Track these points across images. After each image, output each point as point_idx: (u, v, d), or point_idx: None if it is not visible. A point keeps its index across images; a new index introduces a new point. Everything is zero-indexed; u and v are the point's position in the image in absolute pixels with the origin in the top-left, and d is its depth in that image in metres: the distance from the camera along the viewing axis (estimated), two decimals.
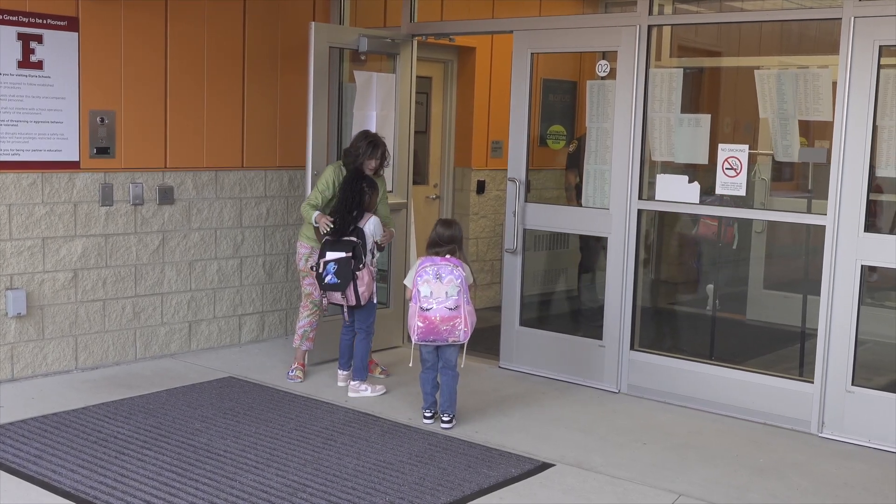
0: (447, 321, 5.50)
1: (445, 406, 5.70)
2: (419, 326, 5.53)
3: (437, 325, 5.50)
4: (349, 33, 7.23)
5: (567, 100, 8.92)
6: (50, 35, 6.22)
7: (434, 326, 5.51)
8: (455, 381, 5.68)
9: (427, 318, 5.51)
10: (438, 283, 5.51)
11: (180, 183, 6.99)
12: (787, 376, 6.11)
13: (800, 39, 7.79)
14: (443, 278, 5.51)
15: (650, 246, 7.30)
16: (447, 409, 5.69)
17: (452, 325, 5.50)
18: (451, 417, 5.68)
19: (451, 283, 5.50)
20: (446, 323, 5.49)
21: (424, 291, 5.52)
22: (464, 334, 5.53)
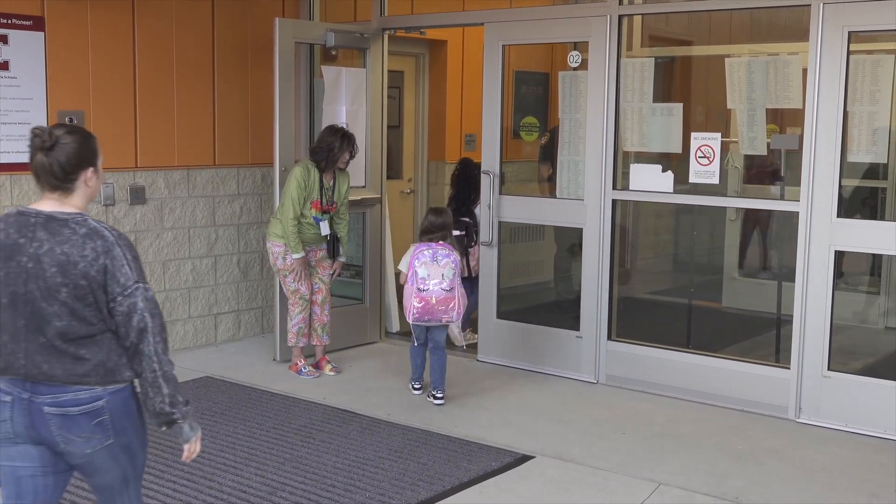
0: (443, 302, 5.86)
1: (438, 383, 5.99)
2: (416, 307, 5.89)
3: (434, 305, 5.86)
4: (316, 28, 7.18)
5: (539, 91, 8.91)
6: (15, 35, 6.14)
7: (430, 307, 5.86)
8: (445, 360, 6.03)
9: (423, 299, 5.86)
10: (435, 265, 5.87)
11: (152, 182, 6.93)
12: (764, 363, 6.15)
13: (769, 27, 7.82)
14: (439, 261, 5.88)
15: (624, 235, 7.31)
16: (439, 386, 5.99)
17: (447, 305, 5.87)
18: (443, 395, 5.99)
19: (448, 265, 5.89)
20: (442, 304, 5.86)
21: (422, 273, 5.87)
22: (457, 314, 5.90)
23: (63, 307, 2.82)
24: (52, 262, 2.81)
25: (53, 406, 2.86)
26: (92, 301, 2.83)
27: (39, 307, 2.82)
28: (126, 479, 3.05)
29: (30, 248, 2.83)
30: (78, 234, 2.84)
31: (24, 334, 2.84)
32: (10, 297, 2.85)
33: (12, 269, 2.84)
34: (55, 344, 2.83)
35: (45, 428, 2.87)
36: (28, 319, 2.84)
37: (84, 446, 2.90)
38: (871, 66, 5.67)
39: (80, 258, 2.81)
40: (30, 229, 2.86)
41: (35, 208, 2.91)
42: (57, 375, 2.84)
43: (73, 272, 2.81)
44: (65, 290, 2.81)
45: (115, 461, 2.98)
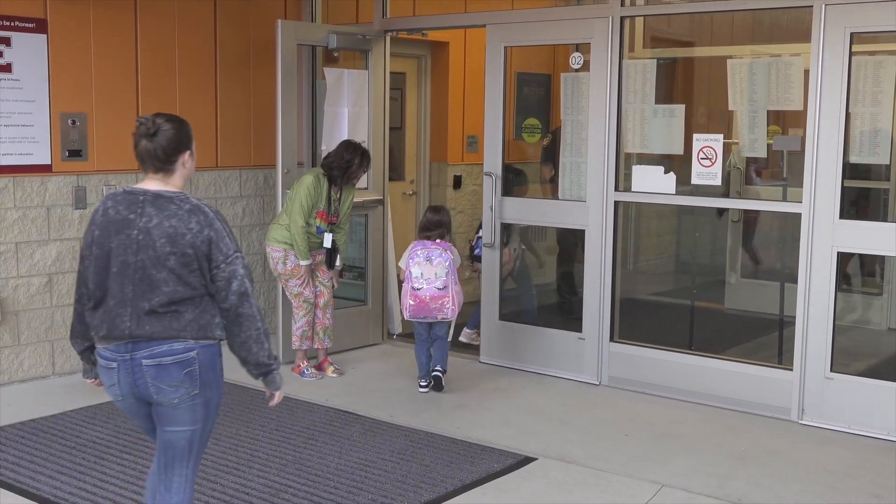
0: (436, 300, 6.05)
1: (438, 360, 6.26)
2: (410, 304, 6.11)
3: (427, 303, 6.06)
4: (318, 30, 7.19)
5: (542, 93, 8.92)
6: (18, 37, 6.15)
7: (424, 304, 6.06)
8: (447, 345, 6.28)
9: (417, 297, 6.07)
10: (428, 265, 6.06)
11: None
12: (767, 364, 6.14)
13: (771, 28, 7.82)
14: (433, 261, 6.07)
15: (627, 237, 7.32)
16: (440, 362, 6.25)
17: (441, 303, 6.06)
18: (442, 369, 6.25)
19: (441, 265, 6.06)
20: (435, 302, 6.05)
21: (416, 273, 6.08)
22: (451, 312, 6.08)
23: (171, 273, 3.21)
24: (161, 234, 3.21)
25: (150, 358, 3.23)
26: (196, 268, 3.23)
27: (149, 274, 3.20)
28: (192, 442, 3.39)
29: (139, 223, 3.23)
30: (183, 209, 3.24)
31: (131, 299, 3.21)
32: (120, 266, 3.23)
33: (122, 241, 3.24)
34: (157, 309, 3.21)
35: (142, 381, 3.25)
36: (136, 286, 3.21)
37: (172, 395, 3.27)
38: (874, 67, 5.67)
39: (187, 230, 3.21)
40: (139, 206, 3.26)
41: (141, 188, 3.32)
42: (156, 333, 3.22)
43: (180, 242, 3.21)
44: (173, 259, 3.21)
45: (192, 414, 3.33)
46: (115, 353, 3.26)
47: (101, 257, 3.27)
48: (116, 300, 3.23)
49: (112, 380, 3.31)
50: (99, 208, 3.34)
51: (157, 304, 3.20)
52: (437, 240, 6.17)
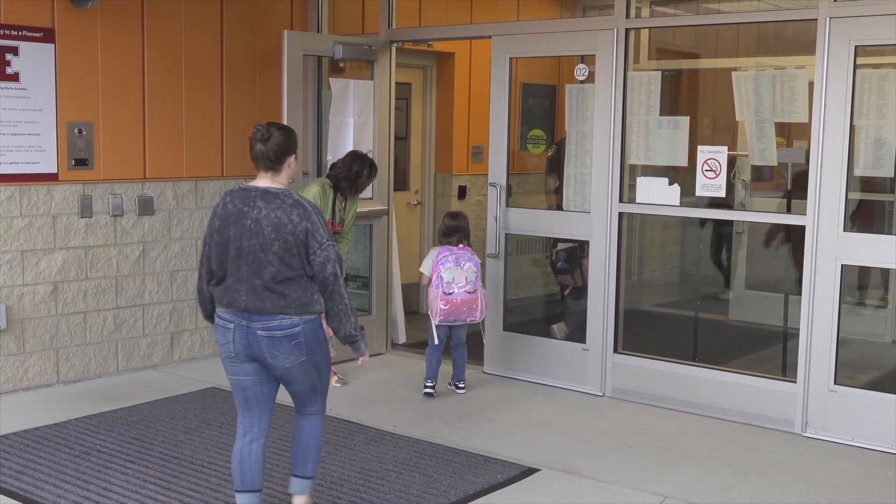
0: (468, 304, 6.24)
1: (460, 375, 6.49)
2: (442, 309, 6.23)
3: (459, 306, 6.23)
4: (324, 41, 7.22)
5: (546, 104, 8.93)
6: (26, 47, 6.18)
7: (456, 308, 6.22)
8: (465, 354, 6.47)
9: (450, 301, 6.21)
10: (459, 269, 6.23)
11: (160, 193, 6.95)
12: (770, 376, 6.13)
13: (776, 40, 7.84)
14: (462, 265, 6.24)
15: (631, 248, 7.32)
16: (461, 377, 6.50)
17: (472, 307, 6.25)
18: (464, 385, 6.49)
19: (470, 269, 6.25)
20: (466, 305, 6.23)
21: (447, 277, 6.21)
22: (480, 314, 6.30)
23: (275, 257, 3.85)
24: (268, 224, 3.86)
25: (263, 330, 3.88)
26: (296, 253, 3.86)
27: (258, 256, 3.86)
28: (315, 388, 4.11)
29: (252, 214, 3.89)
30: (286, 203, 3.89)
31: (246, 277, 3.87)
32: (237, 250, 3.90)
33: (238, 229, 3.90)
34: (267, 285, 3.85)
35: (257, 346, 3.90)
36: (249, 266, 3.87)
37: (284, 361, 3.93)
38: (878, 80, 5.68)
39: (289, 221, 3.86)
40: (251, 200, 3.92)
41: (254, 185, 3.98)
42: (267, 308, 3.86)
43: (283, 231, 3.85)
44: (277, 244, 3.85)
45: (305, 374, 4.01)
46: (233, 317, 3.93)
47: (221, 243, 3.94)
48: (234, 278, 3.90)
49: (227, 338, 3.95)
50: (219, 203, 4.01)
51: (265, 281, 3.85)
52: (459, 245, 6.33)
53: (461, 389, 6.49)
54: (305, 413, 4.19)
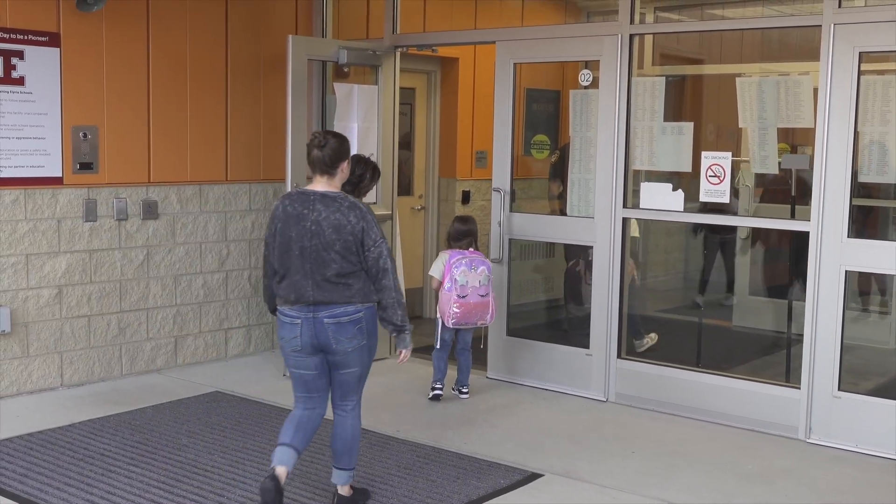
0: (480, 307, 6.27)
1: (465, 381, 6.52)
2: (455, 312, 6.26)
3: (472, 309, 6.25)
4: (329, 46, 7.23)
5: (550, 109, 8.94)
6: (31, 51, 6.20)
7: (469, 311, 6.25)
8: (471, 359, 6.52)
9: (463, 305, 6.25)
10: (473, 272, 6.27)
11: (164, 197, 6.97)
12: (774, 382, 6.13)
13: (780, 46, 7.84)
14: (476, 268, 6.28)
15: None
16: (465, 382, 6.52)
17: (484, 310, 6.29)
18: (468, 389, 6.52)
19: (483, 272, 6.30)
20: (479, 308, 6.27)
21: (461, 280, 6.23)
22: (490, 317, 6.34)
23: (337, 254, 4.27)
24: (328, 225, 4.28)
25: (330, 318, 4.31)
26: (354, 250, 4.29)
27: (321, 255, 4.27)
28: (361, 377, 4.52)
29: (312, 216, 4.30)
30: (343, 206, 4.31)
31: (311, 274, 4.28)
32: (300, 250, 4.29)
33: (299, 230, 4.30)
34: (331, 280, 4.28)
35: (323, 334, 4.31)
36: (312, 264, 4.28)
37: (347, 345, 4.35)
38: (882, 86, 5.68)
39: (347, 222, 4.28)
40: (310, 203, 4.33)
41: (311, 189, 4.39)
42: (334, 299, 4.30)
43: (343, 231, 4.28)
44: (339, 244, 4.27)
45: (360, 359, 4.43)
46: (299, 312, 4.32)
47: (283, 244, 4.33)
48: (300, 275, 4.29)
49: (294, 333, 4.35)
50: (278, 206, 4.40)
51: (329, 276, 4.27)
52: (469, 249, 6.39)
53: (465, 394, 6.50)
54: (346, 410, 4.56)
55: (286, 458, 4.38)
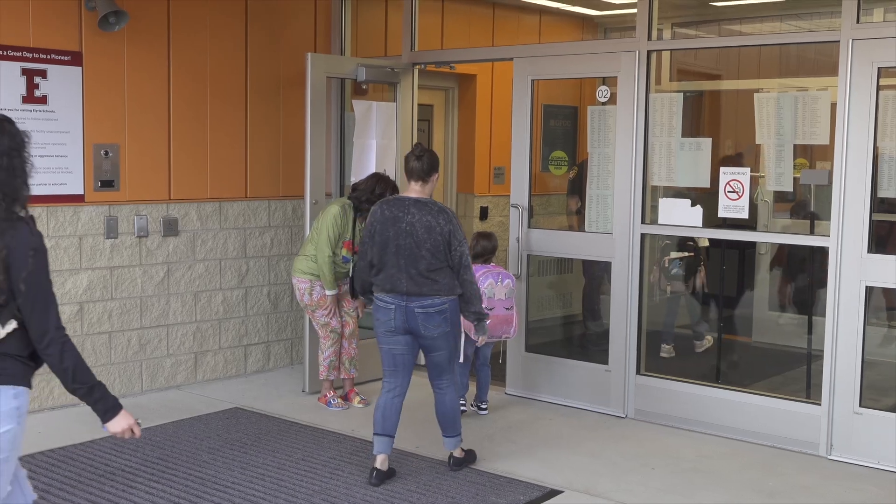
0: (505, 320, 6.32)
1: (484, 396, 6.54)
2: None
3: (498, 323, 6.28)
4: (347, 63, 7.27)
5: (568, 125, 8.96)
6: (54, 70, 6.26)
7: (495, 324, 6.25)
8: (490, 374, 6.56)
9: (491, 317, 6.17)
10: (499, 285, 6.35)
11: (184, 214, 7.01)
12: (795, 398, 6.10)
13: (799, 62, 7.84)
14: (502, 282, 6.36)
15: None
16: (485, 398, 6.54)
17: (508, 323, 6.33)
18: (487, 405, 6.54)
19: (508, 286, 6.36)
20: (504, 322, 6.32)
21: (489, 293, 6.26)
22: (514, 331, 6.40)
23: (428, 252, 4.96)
24: (421, 227, 4.97)
25: (420, 308, 5.00)
26: (442, 249, 4.98)
27: (414, 252, 4.96)
28: (449, 359, 5.19)
29: (406, 218, 5.00)
30: (434, 210, 5.02)
31: (405, 269, 4.98)
32: (396, 248, 4.99)
33: (396, 231, 5.00)
34: (422, 274, 4.97)
35: (413, 321, 5.02)
36: (406, 259, 4.97)
37: (434, 332, 5.03)
38: None
39: (437, 224, 4.98)
40: (405, 207, 5.04)
41: (406, 195, 5.13)
42: (424, 291, 4.98)
43: (434, 232, 4.98)
44: (429, 243, 4.96)
45: (446, 342, 5.11)
46: (394, 299, 5.02)
47: (381, 242, 5.02)
48: (395, 269, 4.99)
49: (388, 316, 5.05)
50: (376, 210, 5.11)
51: (421, 270, 4.95)
52: (492, 264, 6.45)
53: (483, 410, 6.49)
54: (442, 387, 5.25)
55: (383, 446, 5.14)
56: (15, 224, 3.07)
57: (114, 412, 3.28)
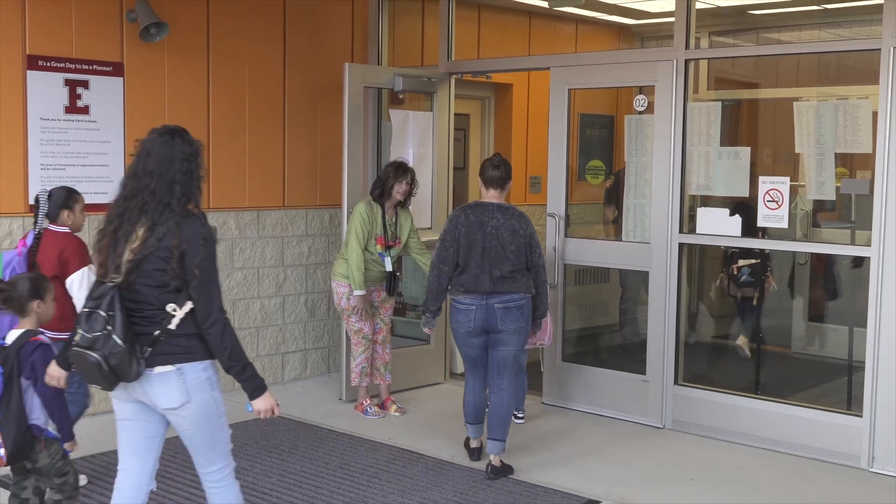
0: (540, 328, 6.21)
1: (520, 405, 6.47)
2: None
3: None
4: (384, 73, 7.30)
5: (604, 134, 8.94)
6: (96, 80, 6.35)
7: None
8: (526, 383, 6.50)
9: None
10: None
11: (223, 223, 7.07)
12: (835, 410, 6.04)
13: (838, 69, 7.76)
14: None
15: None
16: (521, 407, 6.49)
17: (543, 330, 6.27)
18: (523, 415, 6.52)
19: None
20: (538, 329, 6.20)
21: None
22: (548, 339, 6.43)
23: (512, 254, 5.34)
24: (505, 230, 5.35)
25: (500, 304, 5.34)
26: (523, 252, 5.37)
27: (499, 253, 5.33)
28: (515, 357, 5.51)
29: (491, 222, 5.37)
30: (515, 215, 5.43)
31: (488, 269, 5.33)
32: (482, 250, 5.34)
33: (481, 234, 5.35)
34: (505, 274, 5.33)
35: (493, 317, 5.35)
36: (490, 261, 5.33)
37: (511, 325, 5.37)
38: None
39: (520, 227, 5.39)
40: (489, 212, 5.41)
41: (487, 201, 5.48)
42: (505, 289, 5.34)
43: (517, 235, 5.36)
44: (513, 245, 5.35)
45: (518, 339, 5.44)
46: (474, 300, 5.36)
47: (466, 245, 5.35)
48: (479, 269, 5.33)
49: (468, 317, 5.38)
50: (461, 214, 5.45)
51: (504, 271, 5.32)
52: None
53: (520, 419, 6.47)
54: (502, 387, 5.47)
55: (476, 432, 5.70)
56: (189, 219, 3.49)
57: (260, 392, 3.66)
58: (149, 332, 3.47)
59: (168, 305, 3.48)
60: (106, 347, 3.38)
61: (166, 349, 3.49)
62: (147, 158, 3.53)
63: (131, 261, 3.45)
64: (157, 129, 3.58)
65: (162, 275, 3.45)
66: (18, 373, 4.05)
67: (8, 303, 4.15)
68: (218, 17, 6.95)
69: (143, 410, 3.62)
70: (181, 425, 3.63)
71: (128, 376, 3.44)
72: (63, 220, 5.11)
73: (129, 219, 3.51)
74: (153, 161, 3.51)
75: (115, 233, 3.53)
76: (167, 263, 3.44)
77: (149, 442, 3.70)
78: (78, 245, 5.05)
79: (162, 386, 3.51)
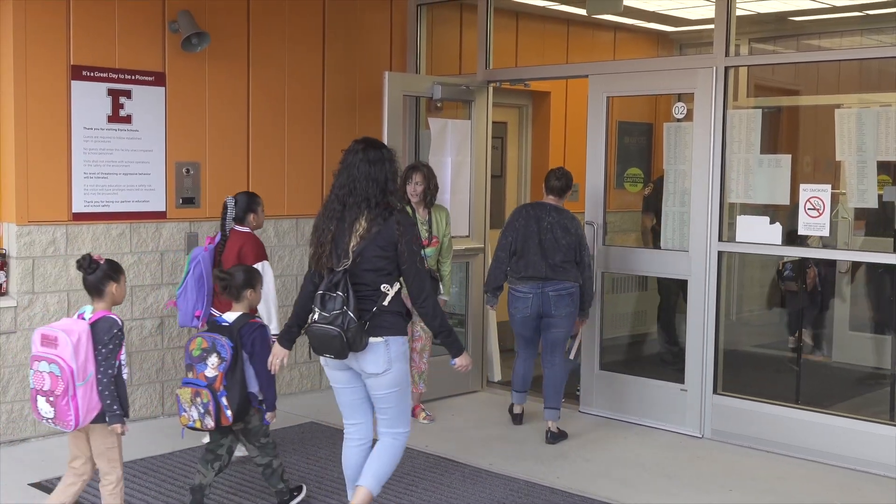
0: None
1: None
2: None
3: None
4: (423, 81, 7.33)
5: (643, 142, 8.90)
6: (138, 90, 6.44)
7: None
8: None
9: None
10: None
11: (262, 231, 7.11)
12: (876, 420, 5.96)
13: (880, 76, 7.67)
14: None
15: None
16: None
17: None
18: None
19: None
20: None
21: None
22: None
23: (563, 248, 6.13)
24: (559, 228, 6.15)
25: (554, 291, 6.13)
26: (573, 247, 6.14)
27: (553, 246, 6.12)
28: (564, 338, 6.29)
29: (548, 219, 6.18)
30: (568, 216, 6.20)
31: (543, 260, 6.12)
32: (539, 240, 6.14)
33: (540, 227, 6.15)
34: (557, 264, 6.11)
35: (546, 303, 6.14)
36: (545, 251, 6.12)
37: (563, 311, 6.15)
38: None
39: (572, 227, 6.16)
40: (546, 210, 6.22)
41: (543, 202, 6.30)
42: (559, 277, 6.12)
43: (569, 233, 6.14)
44: (564, 241, 6.12)
45: (568, 322, 6.23)
46: (531, 288, 6.15)
47: (524, 234, 6.16)
48: (536, 257, 6.12)
49: (526, 304, 6.19)
50: (521, 209, 6.33)
51: (557, 261, 6.09)
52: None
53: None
54: (554, 363, 6.25)
55: (520, 399, 6.56)
56: (395, 212, 4.24)
57: (460, 352, 4.39)
58: (367, 308, 4.16)
59: (382, 286, 4.19)
60: (345, 323, 4.07)
61: (378, 323, 4.19)
62: (359, 165, 4.27)
63: (356, 246, 4.17)
64: (359, 140, 4.39)
65: (379, 260, 4.18)
66: (240, 348, 4.69)
67: (227, 290, 4.87)
68: (258, 27, 7.02)
69: (352, 378, 4.34)
70: (379, 389, 4.29)
71: (358, 347, 4.12)
72: (249, 222, 5.76)
73: (350, 215, 4.23)
74: (364, 166, 4.26)
75: (338, 227, 4.25)
76: (385, 251, 4.17)
77: (363, 402, 4.41)
78: (255, 243, 5.66)
79: (373, 354, 4.19)
